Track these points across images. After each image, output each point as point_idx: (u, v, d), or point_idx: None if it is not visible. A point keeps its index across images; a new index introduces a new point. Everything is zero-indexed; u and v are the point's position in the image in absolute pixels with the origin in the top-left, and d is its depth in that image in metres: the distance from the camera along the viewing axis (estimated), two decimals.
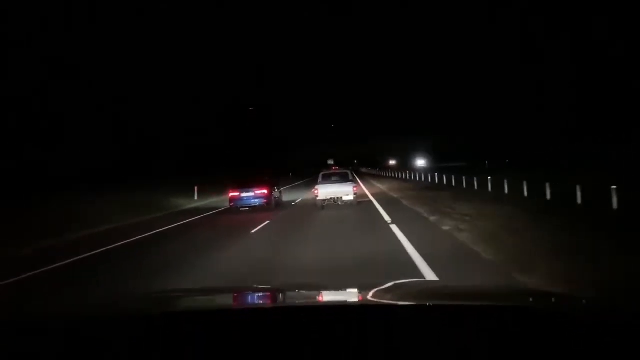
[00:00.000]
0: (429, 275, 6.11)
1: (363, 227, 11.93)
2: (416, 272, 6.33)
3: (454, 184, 27.49)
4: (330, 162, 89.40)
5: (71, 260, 9.83)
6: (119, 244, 11.90)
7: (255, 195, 17.96)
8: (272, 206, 18.34)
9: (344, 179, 18.22)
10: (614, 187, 12.20)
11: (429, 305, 1.74)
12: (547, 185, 16.22)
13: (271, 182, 19.12)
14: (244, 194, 18.09)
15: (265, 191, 18.10)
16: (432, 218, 12.47)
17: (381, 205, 17.16)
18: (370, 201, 19.42)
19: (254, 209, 17.94)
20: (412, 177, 40.01)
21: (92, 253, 10.63)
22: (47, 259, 9.83)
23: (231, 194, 18.48)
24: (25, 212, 17.66)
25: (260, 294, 2.38)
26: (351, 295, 2.17)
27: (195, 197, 27.81)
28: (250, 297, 2.25)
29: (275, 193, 19.71)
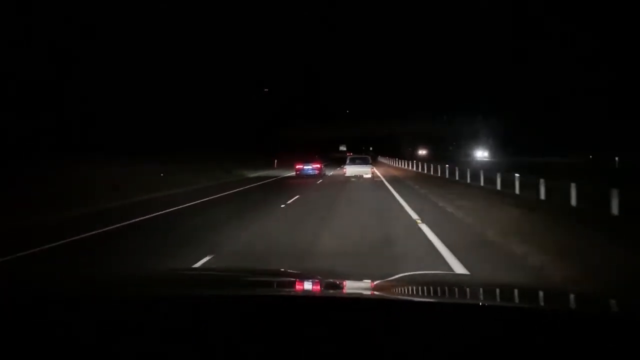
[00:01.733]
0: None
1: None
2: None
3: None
4: (343, 147, 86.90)
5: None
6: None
7: (312, 168, 28.55)
8: (321, 175, 28.67)
9: (365, 162, 27.30)
10: None
11: (450, 302, 1.75)
12: None
13: (322, 161, 30.01)
14: (305, 167, 28.61)
15: (319, 165, 28.85)
16: None
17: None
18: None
19: (310, 176, 27.96)
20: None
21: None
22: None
23: (297, 166, 28.83)
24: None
25: (278, 280, 2.28)
26: (366, 287, 2.06)
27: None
28: (264, 284, 2.15)
29: (323, 167, 30.23)
